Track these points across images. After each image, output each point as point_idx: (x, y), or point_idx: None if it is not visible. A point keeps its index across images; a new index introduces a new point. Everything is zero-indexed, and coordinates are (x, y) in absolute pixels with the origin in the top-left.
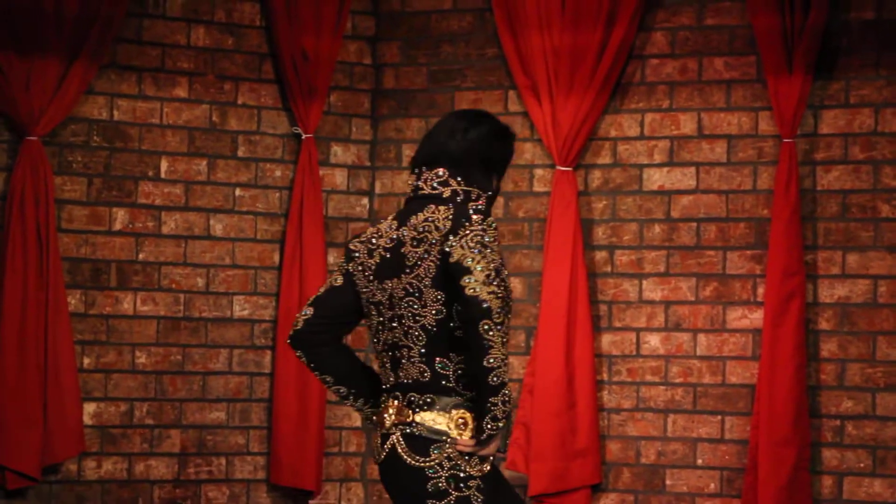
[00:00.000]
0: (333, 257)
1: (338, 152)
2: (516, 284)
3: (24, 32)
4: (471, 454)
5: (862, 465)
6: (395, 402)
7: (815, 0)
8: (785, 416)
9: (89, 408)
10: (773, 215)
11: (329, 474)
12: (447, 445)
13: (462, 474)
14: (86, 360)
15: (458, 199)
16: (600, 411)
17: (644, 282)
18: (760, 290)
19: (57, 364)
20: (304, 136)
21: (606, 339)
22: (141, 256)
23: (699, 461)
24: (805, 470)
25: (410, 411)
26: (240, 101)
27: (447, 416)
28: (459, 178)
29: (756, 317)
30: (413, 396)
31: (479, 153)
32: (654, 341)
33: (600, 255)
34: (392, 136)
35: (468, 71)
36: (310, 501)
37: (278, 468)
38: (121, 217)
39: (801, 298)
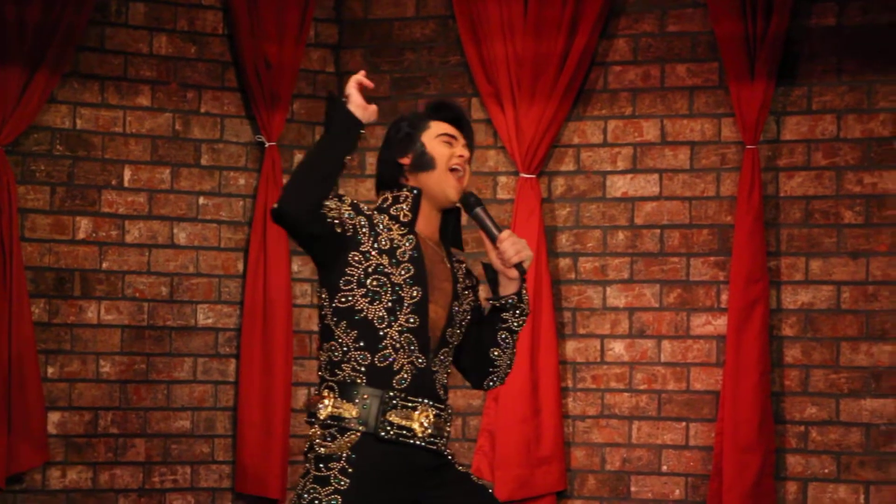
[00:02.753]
0: (297, 265)
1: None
2: (480, 292)
3: None
4: (330, 434)
5: (826, 470)
6: None
7: (777, 6)
8: (749, 422)
9: (53, 417)
10: (737, 222)
11: (294, 482)
12: (314, 426)
13: (321, 453)
14: (50, 370)
15: (385, 204)
16: (565, 418)
17: (608, 288)
18: (724, 297)
19: (21, 373)
20: (267, 144)
21: (571, 346)
22: (105, 265)
23: (664, 468)
24: (769, 476)
25: None
26: (203, 110)
27: (315, 396)
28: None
29: (720, 323)
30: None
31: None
32: (618, 348)
33: (564, 262)
34: None
35: (431, 78)
36: None
37: (243, 477)
38: (84, 226)
39: (764, 305)
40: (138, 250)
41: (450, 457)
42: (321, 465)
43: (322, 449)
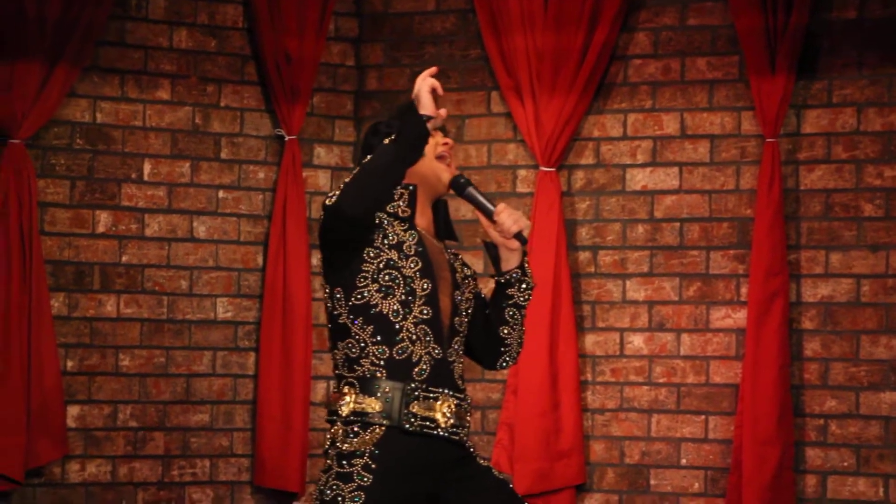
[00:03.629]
0: (317, 259)
1: (321, 154)
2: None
3: (6, 36)
4: (352, 431)
5: (846, 464)
6: None
7: (798, 0)
8: (769, 415)
9: (73, 410)
10: (757, 215)
11: (313, 476)
12: (335, 423)
13: (343, 450)
14: (69, 363)
15: None
16: (584, 411)
17: (627, 282)
18: (744, 290)
19: (40, 367)
20: (287, 138)
21: (590, 340)
22: (124, 259)
23: (683, 461)
24: (789, 469)
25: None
26: (223, 104)
27: (335, 394)
28: None
29: (740, 316)
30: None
31: None
32: (637, 341)
33: (584, 256)
34: None
35: (451, 72)
36: (294, 503)
37: (262, 470)
38: (104, 219)
39: (784, 298)
40: (158, 244)
41: (471, 449)
42: (344, 462)
43: (345, 445)
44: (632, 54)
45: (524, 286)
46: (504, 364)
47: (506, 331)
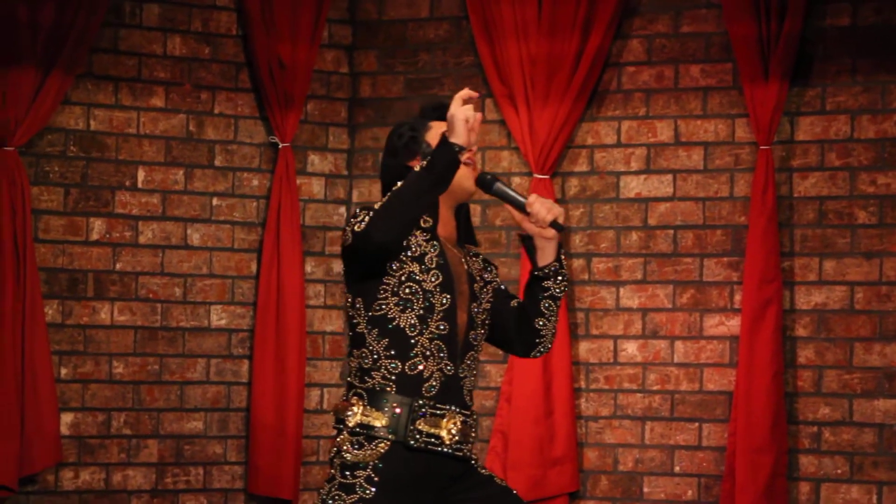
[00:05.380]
0: (311, 266)
1: (315, 161)
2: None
3: None
4: (357, 442)
5: (839, 471)
6: None
7: (791, 7)
8: (762, 422)
9: (66, 418)
10: (750, 222)
11: (307, 483)
12: (341, 432)
13: (347, 460)
14: (63, 370)
15: None
16: (578, 419)
17: (621, 289)
18: (738, 297)
19: (34, 374)
20: (281, 145)
21: (584, 347)
22: (118, 266)
23: (677, 468)
24: (782, 476)
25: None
26: (216, 111)
27: (343, 403)
28: None
29: (733, 324)
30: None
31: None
32: (631, 349)
33: (577, 263)
34: (369, 145)
35: (445, 79)
36: None
37: (256, 477)
38: (98, 227)
39: (778, 305)
40: (152, 251)
41: (473, 462)
42: (347, 473)
43: (349, 456)
44: (625, 61)
45: (560, 278)
46: (538, 353)
47: (541, 322)
